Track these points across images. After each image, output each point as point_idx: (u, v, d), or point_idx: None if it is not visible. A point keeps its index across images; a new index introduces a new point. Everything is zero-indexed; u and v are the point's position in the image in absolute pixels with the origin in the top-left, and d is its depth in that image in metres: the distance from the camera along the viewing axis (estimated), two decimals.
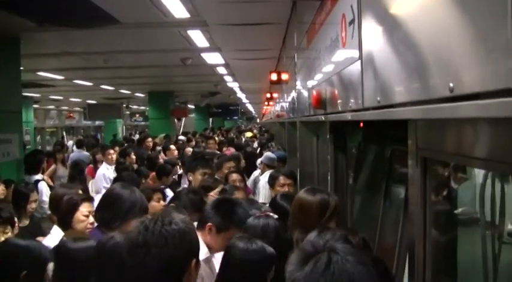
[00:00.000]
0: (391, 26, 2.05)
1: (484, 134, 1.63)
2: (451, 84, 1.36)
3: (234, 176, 6.84)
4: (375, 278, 1.40)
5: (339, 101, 3.32)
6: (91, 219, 4.23)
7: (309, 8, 4.95)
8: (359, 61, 2.56)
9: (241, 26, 7.98)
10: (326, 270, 1.38)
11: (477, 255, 2.44)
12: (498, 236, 2.32)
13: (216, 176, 6.52)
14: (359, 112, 2.61)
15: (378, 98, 2.16)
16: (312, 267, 1.40)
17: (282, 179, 5.95)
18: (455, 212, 2.63)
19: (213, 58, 12.09)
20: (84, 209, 4.27)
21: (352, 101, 2.81)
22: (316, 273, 1.38)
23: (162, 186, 6.94)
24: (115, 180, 7.14)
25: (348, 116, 2.97)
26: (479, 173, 2.41)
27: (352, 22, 2.70)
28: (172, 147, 12.54)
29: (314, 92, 3.89)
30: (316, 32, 4.46)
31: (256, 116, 50.28)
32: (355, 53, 2.64)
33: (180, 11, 7.48)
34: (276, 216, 3.67)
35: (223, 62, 12.75)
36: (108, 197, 3.97)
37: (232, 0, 6.52)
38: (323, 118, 4.08)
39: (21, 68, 9.71)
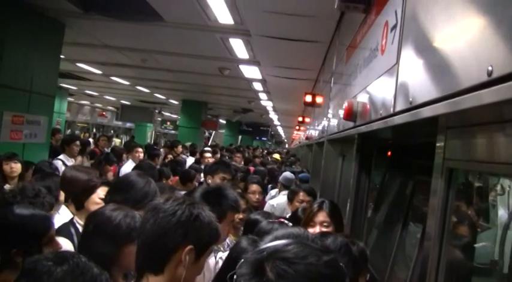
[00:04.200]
0: (431, 26, 2.01)
1: None
2: (490, 68, 1.30)
3: (254, 187, 6.82)
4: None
5: (370, 111, 3.26)
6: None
7: (353, 24, 4.92)
8: (396, 66, 2.51)
9: (284, 40, 7.96)
10: None
11: None
12: None
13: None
14: (389, 118, 2.54)
15: (410, 99, 2.10)
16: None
17: (301, 195, 5.93)
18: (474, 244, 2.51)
19: (250, 72, 12.15)
20: (101, 192, 4.24)
21: (384, 107, 2.75)
22: None
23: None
24: (134, 168, 7.13)
25: (376, 125, 2.91)
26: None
27: (394, 27, 2.66)
28: (208, 154, 12.55)
29: (346, 104, 3.83)
30: (356, 46, 4.43)
31: (286, 141, 50.27)
32: (392, 58, 2.59)
33: (225, 17, 7.53)
34: (290, 224, 3.60)
35: (260, 77, 12.81)
36: (123, 183, 3.94)
37: (280, 11, 6.49)
38: (352, 131, 4.01)
39: (62, 56, 9.84)
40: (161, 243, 2.13)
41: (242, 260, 1.54)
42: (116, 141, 27.75)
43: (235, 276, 1.52)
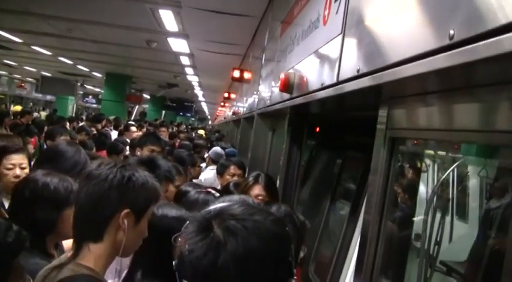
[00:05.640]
0: None
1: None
2: (452, 31, 1.31)
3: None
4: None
5: (308, 82, 3.27)
6: (17, 171, 3.98)
7: None
8: (340, 36, 2.51)
9: (215, 13, 7.89)
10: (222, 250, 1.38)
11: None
12: (431, 263, 2.25)
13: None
14: (332, 87, 2.54)
15: (358, 67, 2.10)
16: (207, 245, 1.40)
17: (232, 169, 5.92)
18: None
19: (178, 45, 12.04)
20: (6, 161, 4.00)
21: (326, 77, 2.75)
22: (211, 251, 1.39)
23: None
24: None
25: (312, 96, 2.92)
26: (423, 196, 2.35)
27: None
28: (133, 128, 12.36)
29: (283, 76, 3.82)
30: (293, 19, 4.42)
31: (209, 117, 50.23)
32: (337, 28, 2.59)
33: None
34: (217, 194, 3.60)
35: (188, 51, 12.69)
36: (51, 152, 3.83)
37: None
38: (288, 103, 4.01)
39: None
40: (97, 210, 2.10)
41: (188, 221, 1.51)
42: (42, 114, 26.80)
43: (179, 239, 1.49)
